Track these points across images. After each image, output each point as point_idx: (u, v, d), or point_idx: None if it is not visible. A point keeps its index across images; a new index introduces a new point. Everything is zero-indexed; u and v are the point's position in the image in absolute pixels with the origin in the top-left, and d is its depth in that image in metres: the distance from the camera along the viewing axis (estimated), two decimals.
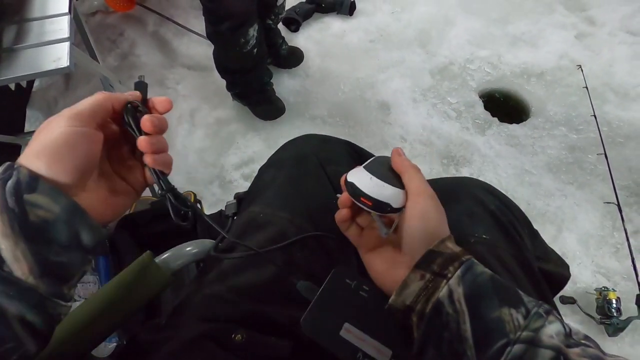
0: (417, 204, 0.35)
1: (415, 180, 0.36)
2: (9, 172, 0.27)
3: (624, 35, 1.61)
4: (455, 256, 0.32)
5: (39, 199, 0.26)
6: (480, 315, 0.30)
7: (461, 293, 0.30)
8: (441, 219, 0.35)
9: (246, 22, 1.10)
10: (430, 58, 1.58)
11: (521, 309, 0.30)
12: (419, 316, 0.31)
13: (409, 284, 0.32)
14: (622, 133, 1.36)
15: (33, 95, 1.51)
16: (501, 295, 0.30)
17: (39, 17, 0.74)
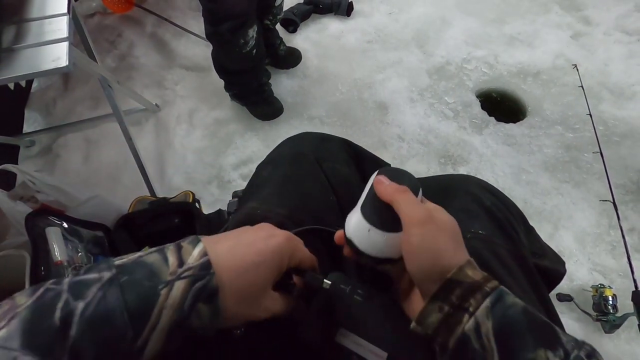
0: (413, 236, 0.31)
1: (403, 209, 0.32)
2: (203, 272, 0.28)
3: (619, 34, 1.62)
4: (477, 286, 0.29)
5: (205, 311, 0.28)
6: (511, 355, 0.27)
7: (490, 328, 0.27)
8: (449, 241, 0.31)
9: (246, 23, 1.11)
10: (428, 58, 1.59)
11: (559, 352, 0.27)
12: (441, 347, 0.30)
13: (426, 315, 0.30)
14: (617, 132, 1.38)
15: (31, 96, 1.51)
16: (536, 334, 0.27)
17: (38, 17, 0.74)
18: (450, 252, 0.31)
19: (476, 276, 0.30)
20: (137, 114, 1.40)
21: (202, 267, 0.28)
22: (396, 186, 0.33)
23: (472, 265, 0.31)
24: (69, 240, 0.78)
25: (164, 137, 1.39)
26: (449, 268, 0.30)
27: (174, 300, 0.26)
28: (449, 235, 0.32)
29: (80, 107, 1.47)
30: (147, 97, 1.38)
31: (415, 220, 0.31)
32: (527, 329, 0.28)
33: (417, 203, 0.33)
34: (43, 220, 0.77)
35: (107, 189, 1.26)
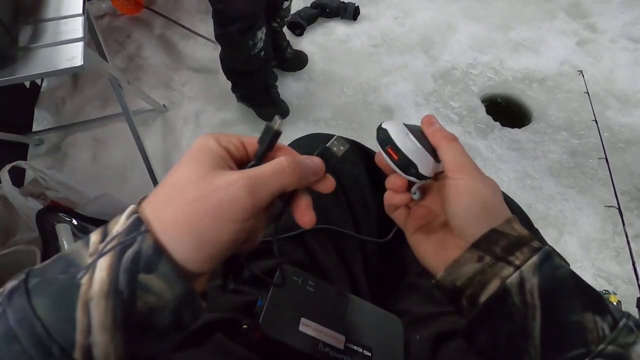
0: (459, 180, 0.29)
1: (450, 154, 0.30)
2: (132, 235, 0.21)
3: (625, 42, 1.63)
4: (524, 240, 0.27)
5: (154, 282, 0.20)
6: (556, 314, 0.25)
7: (535, 284, 0.26)
8: (495, 195, 0.29)
9: (255, 25, 1.12)
10: (433, 63, 1.60)
11: (607, 318, 0.25)
12: (469, 301, 0.28)
13: (462, 263, 0.28)
14: (623, 138, 1.38)
15: (41, 96, 1.54)
16: (584, 297, 0.26)
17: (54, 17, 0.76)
18: (497, 202, 0.29)
19: (523, 232, 0.28)
20: (145, 114, 1.42)
21: (130, 230, 0.21)
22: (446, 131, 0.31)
23: (517, 221, 0.29)
24: (78, 237, 0.79)
25: (171, 137, 1.40)
26: (496, 218, 0.28)
27: (100, 286, 0.19)
28: (495, 188, 0.30)
29: (89, 107, 1.49)
30: (155, 97, 1.40)
31: (463, 165, 0.30)
32: (576, 291, 0.26)
33: (464, 152, 0.31)
34: (53, 217, 0.78)
35: (114, 187, 1.27)
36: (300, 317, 0.36)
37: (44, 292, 0.19)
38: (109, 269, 0.20)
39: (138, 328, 0.20)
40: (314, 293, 0.38)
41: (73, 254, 0.21)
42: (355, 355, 0.36)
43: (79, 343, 0.19)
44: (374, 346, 0.37)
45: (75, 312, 0.19)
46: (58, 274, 0.20)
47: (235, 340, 0.37)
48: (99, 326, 0.19)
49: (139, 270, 0.20)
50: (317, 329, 0.36)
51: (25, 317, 0.19)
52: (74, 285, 0.20)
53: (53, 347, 0.19)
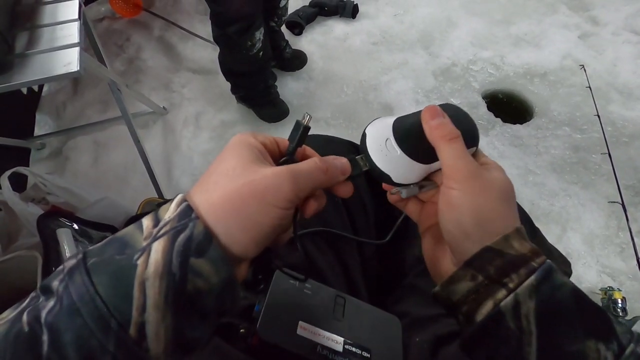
0: (453, 190, 0.27)
1: (446, 157, 0.27)
2: (184, 221, 0.22)
3: (627, 34, 1.61)
4: (522, 260, 0.25)
5: (203, 266, 0.22)
6: (554, 343, 0.24)
7: (532, 309, 0.24)
8: (496, 206, 0.27)
9: (253, 25, 1.12)
10: (433, 59, 1.59)
11: (612, 345, 0.23)
12: (466, 317, 0.27)
13: (455, 280, 0.27)
14: (626, 133, 1.36)
15: (42, 100, 1.54)
16: (587, 321, 0.24)
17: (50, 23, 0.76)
18: (496, 215, 0.26)
19: (523, 248, 0.26)
20: (145, 116, 1.42)
21: (181, 216, 0.22)
22: (447, 128, 0.28)
23: (520, 234, 0.26)
24: (79, 241, 0.79)
25: (171, 139, 1.40)
26: (491, 234, 0.26)
27: (156, 267, 0.21)
28: (498, 196, 0.27)
29: (90, 111, 1.49)
30: (155, 100, 1.40)
31: (458, 175, 0.27)
32: (578, 314, 0.24)
33: (465, 154, 0.27)
34: (54, 222, 0.79)
35: (115, 190, 1.28)
36: (298, 321, 0.36)
37: (103, 270, 0.21)
38: (164, 251, 0.21)
39: (186, 309, 0.22)
40: (311, 296, 0.38)
41: (127, 236, 0.22)
42: (353, 357, 0.35)
43: (134, 319, 0.20)
44: (372, 347, 0.37)
45: (132, 290, 0.21)
46: (115, 254, 0.22)
47: (233, 345, 0.37)
48: (153, 304, 0.21)
49: (191, 254, 0.22)
50: (315, 332, 0.35)
51: (87, 293, 0.20)
52: (131, 265, 0.21)
53: (112, 322, 0.20)
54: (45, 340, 0.20)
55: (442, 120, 0.28)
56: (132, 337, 0.20)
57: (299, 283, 0.38)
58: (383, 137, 0.30)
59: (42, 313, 0.20)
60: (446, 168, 0.28)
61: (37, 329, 0.20)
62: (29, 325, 0.20)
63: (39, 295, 0.22)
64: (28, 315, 0.21)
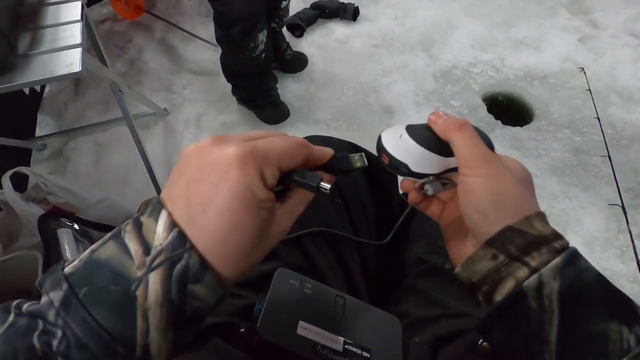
0: (469, 178, 0.27)
1: (459, 147, 0.28)
2: (179, 252, 0.22)
3: (627, 37, 1.61)
4: (544, 240, 0.26)
5: (200, 291, 0.23)
6: (576, 323, 0.24)
7: (555, 289, 0.24)
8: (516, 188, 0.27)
9: (256, 27, 1.12)
10: (434, 62, 1.59)
11: (635, 329, 0.23)
12: (485, 297, 0.27)
13: (476, 260, 0.27)
14: (626, 135, 1.36)
15: (43, 101, 1.55)
16: (611, 305, 0.24)
17: (53, 24, 0.77)
18: (515, 197, 0.27)
19: (545, 230, 0.26)
20: (146, 117, 1.42)
21: (174, 246, 0.22)
22: (455, 119, 0.28)
23: (542, 218, 0.27)
24: (79, 241, 0.80)
25: (172, 140, 1.41)
26: (512, 215, 0.26)
27: (156, 297, 0.22)
28: (515, 180, 0.27)
29: (91, 112, 1.50)
30: (156, 101, 1.41)
31: (474, 162, 0.27)
32: (602, 297, 0.24)
33: (478, 142, 0.28)
34: (55, 222, 0.79)
35: (116, 191, 1.28)
36: (298, 320, 0.36)
37: (101, 303, 0.22)
38: (162, 282, 0.22)
39: (184, 327, 0.24)
40: (311, 296, 0.38)
41: (116, 263, 0.22)
42: (353, 357, 0.36)
43: (139, 343, 0.22)
44: (372, 347, 0.37)
45: (135, 320, 0.22)
46: (108, 284, 0.22)
47: (233, 344, 0.37)
48: (155, 329, 0.22)
49: (188, 281, 0.23)
50: (315, 331, 0.36)
51: (90, 329, 0.21)
52: (130, 296, 0.22)
53: (118, 348, 0.21)
54: None
55: (446, 117, 0.29)
56: (139, 355, 0.22)
57: (299, 283, 0.38)
58: (397, 133, 0.32)
59: (54, 343, 0.21)
60: (460, 157, 0.28)
61: (52, 356, 0.21)
62: (43, 352, 0.21)
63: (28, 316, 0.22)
64: (39, 341, 0.21)
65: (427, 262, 0.48)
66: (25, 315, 0.22)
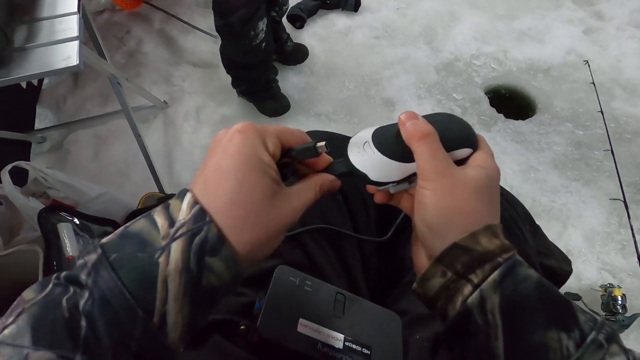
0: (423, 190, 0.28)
1: (418, 156, 0.28)
2: (199, 224, 0.24)
3: (632, 29, 1.59)
4: (488, 256, 0.26)
5: (217, 264, 0.24)
6: (518, 334, 0.25)
7: (496, 303, 0.25)
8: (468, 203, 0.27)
9: (256, 13, 1.11)
10: (436, 54, 1.57)
11: (574, 334, 0.24)
12: (440, 313, 0.28)
13: (428, 277, 0.28)
14: (629, 129, 1.35)
15: (42, 93, 1.54)
16: (549, 312, 0.25)
17: (49, 16, 0.75)
18: (464, 213, 0.27)
19: (490, 245, 0.26)
20: (146, 110, 1.41)
21: (196, 219, 0.24)
22: (420, 127, 0.28)
23: (491, 231, 0.27)
24: (80, 235, 0.80)
25: (172, 133, 1.40)
26: (459, 231, 0.27)
27: (176, 265, 0.23)
28: (468, 194, 0.27)
29: (90, 104, 1.49)
30: (155, 93, 1.39)
31: (427, 174, 0.27)
32: (540, 305, 0.25)
33: (437, 153, 0.28)
34: (55, 216, 0.79)
35: (116, 185, 1.28)
36: (299, 318, 0.36)
37: (127, 267, 0.23)
38: (182, 251, 0.24)
39: (201, 303, 0.25)
40: (311, 293, 0.38)
41: (144, 234, 0.25)
42: (354, 354, 0.36)
43: (158, 309, 0.23)
44: (373, 344, 0.37)
45: (156, 284, 0.23)
46: (136, 251, 0.24)
47: (234, 342, 0.37)
48: (173, 297, 0.23)
49: (206, 253, 0.24)
50: (315, 329, 0.36)
51: (116, 287, 0.23)
52: (153, 263, 0.24)
53: (138, 311, 0.23)
54: (83, 325, 0.22)
55: (415, 121, 0.29)
56: (156, 324, 0.23)
57: (299, 280, 0.38)
58: (362, 140, 0.32)
59: (81, 302, 0.23)
60: (418, 167, 0.28)
61: (77, 316, 0.22)
62: (69, 312, 0.22)
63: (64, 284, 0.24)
64: (67, 302, 0.23)
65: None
66: (61, 284, 0.24)
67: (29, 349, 0.21)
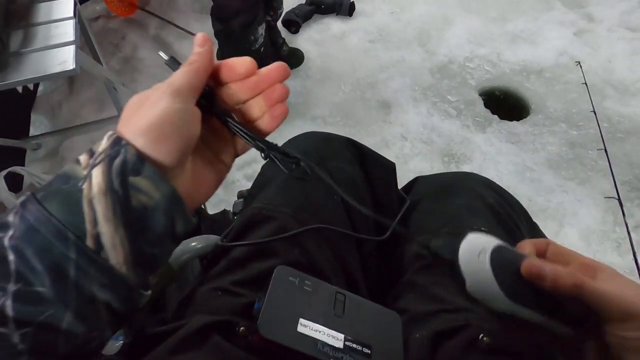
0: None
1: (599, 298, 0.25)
2: (116, 148, 0.25)
3: (623, 31, 1.61)
4: None
5: (142, 183, 0.25)
6: None
7: None
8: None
9: (256, 19, 1.12)
10: (430, 57, 1.59)
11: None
12: None
13: None
14: (622, 128, 1.37)
15: (37, 100, 1.53)
16: None
17: (45, 21, 0.76)
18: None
19: None
20: None
21: (113, 145, 0.25)
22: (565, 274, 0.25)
23: None
24: None
25: None
26: None
27: (99, 187, 0.24)
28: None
29: (86, 110, 1.48)
30: None
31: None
32: None
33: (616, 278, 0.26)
34: None
35: None
36: (298, 318, 0.36)
37: (53, 198, 0.24)
38: (103, 174, 0.24)
39: (136, 224, 0.25)
40: (311, 293, 0.38)
41: (67, 170, 0.25)
42: (354, 354, 0.35)
43: (89, 232, 0.23)
44: (373, 343, 0.37)
45: (82, 208, 0.24)
46: (60, 185, 0.24)
47: (233, 343, 0.37)
48: (103, 218, 0.24)
49: (128, 173, 0.24)
50: (315, 328, 0.35)
51: (42, 215, 0.23)
52: (77, 190, 0.24)
53: (69, 234, 0.23)
54: (12, 259, 0.22)
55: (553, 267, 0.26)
56: (90, 247, 0.23)
57: (298, 280, 0.38)
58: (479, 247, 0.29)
59: (5, 240, 0.23)
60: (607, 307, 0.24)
61: (3, 252, 0.23)
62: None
63: None
64: None
65: (425, 258, 0.48)
66: None
67: None
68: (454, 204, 0.50)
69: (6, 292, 0.22)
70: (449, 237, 0.31)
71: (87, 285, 0.23)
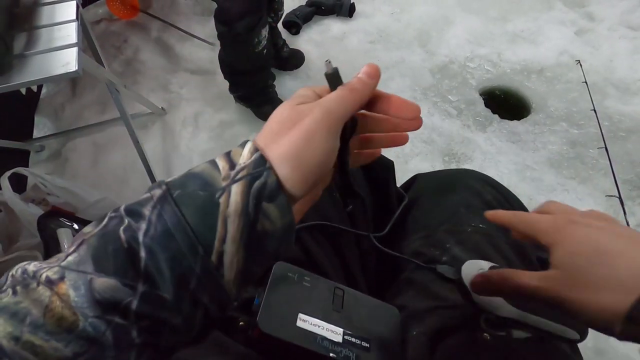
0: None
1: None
2: (259, 169, 0.25)
3: (624, 30, 1.61)
4: None
5: (271, 210, 0.25)
6: None
7: None
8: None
9: (260, 21, 1.12)
10: (430, 57, 1.59)
11: None
12: None
13: None
14: (623, 127, 1.37)
15: (41, 102, 1.55)
16: None
17: (48, 24, 0.77)
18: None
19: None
20: (144, 117, 1.42)
21: (256, 165, 0.25)
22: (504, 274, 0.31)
23: None
24: None
25: (170, 140, 1.41)
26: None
27: (236, 206, 0.24)
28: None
29: (88, 112, 1.50)
30: (153, 100, 1.40)
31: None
32: None
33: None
34: (54, 222, 0.79)
35: (115, 192, 1.28)
36: (298, 313, 0.36)
37: (190, 203, 0.24)
38: (242, 194, 0.24)
39: (254, 247, 0.25)
40: (310, 288, 0.38)
41: (206, 174, 0.25)
42: (353, 347, 0.36)
43: (216, 248, 0.24)
44: (371, 337, 0.37)
45: (216, 224, 0.24)
46: (197, 189, 0.24)
47: (233, 338, 0.38)
48: (231, 238, 0.24)
49: (263, 198, 0.25)
50: (314, 323, 0.36)
51: (179, 222, 0.23)
52: (214, 202, 0.24)
53: (199, 248, 0.23)
54: (143, 257, 0.23)
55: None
56: (213, 263, 0.24)
57: (297, 276, 0.38)
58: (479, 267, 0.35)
59: (139, 234, 0.23)
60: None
61: (136, 247, 0.23)
62: (128, 243, 0.23)
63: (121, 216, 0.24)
64: (125, 233, 0.23)
65: (423, 255, 0.48)
66: (117, 216, 0.24)
67: (93, 274, 0.22)
68: (452, 202, 0.50)
69: (136, 291, 0.22)
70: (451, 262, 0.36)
71: (200, 295, 0.24)
